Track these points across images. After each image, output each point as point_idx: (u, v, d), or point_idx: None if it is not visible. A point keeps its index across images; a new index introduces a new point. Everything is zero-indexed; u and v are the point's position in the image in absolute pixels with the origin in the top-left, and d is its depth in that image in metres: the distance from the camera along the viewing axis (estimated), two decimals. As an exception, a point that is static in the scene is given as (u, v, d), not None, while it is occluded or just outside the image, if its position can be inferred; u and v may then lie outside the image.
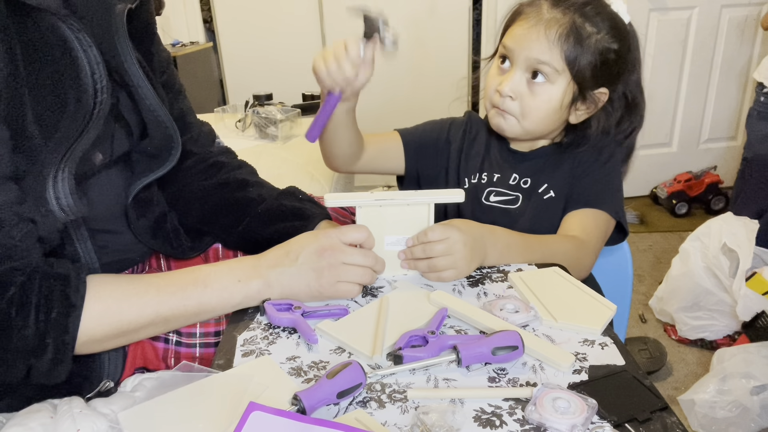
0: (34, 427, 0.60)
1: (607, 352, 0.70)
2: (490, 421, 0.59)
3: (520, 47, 0.99)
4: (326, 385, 0.61)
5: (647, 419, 0.59)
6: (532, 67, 0.99)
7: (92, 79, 0.70)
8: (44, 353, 0.65)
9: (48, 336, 0.64)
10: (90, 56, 0.70)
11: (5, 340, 0.63)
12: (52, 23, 0.68)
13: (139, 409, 0.62)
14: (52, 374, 0.67)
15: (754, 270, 1.81)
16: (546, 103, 1.01)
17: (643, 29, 2.92)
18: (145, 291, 0.72)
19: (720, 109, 3.15)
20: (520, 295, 0.83)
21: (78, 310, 0.65)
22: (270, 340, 0.75)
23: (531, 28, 0.98)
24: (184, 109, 1.02)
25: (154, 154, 0.88)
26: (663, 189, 3.06)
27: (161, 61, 0.95)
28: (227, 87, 3.36)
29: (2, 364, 0.65)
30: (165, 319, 0.73)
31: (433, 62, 3.24)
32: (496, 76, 1.05)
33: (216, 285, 0.75)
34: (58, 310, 0.64)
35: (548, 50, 0.97)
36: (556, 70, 0.98)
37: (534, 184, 1.08)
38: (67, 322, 0.65)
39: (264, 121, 2.08)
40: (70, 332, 0.65)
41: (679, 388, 1.82)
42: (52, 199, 0.69)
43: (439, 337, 0.70)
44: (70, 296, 0.65)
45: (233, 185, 1.01)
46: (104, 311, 0.68)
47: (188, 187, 1.00)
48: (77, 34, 0.69)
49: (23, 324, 0.63)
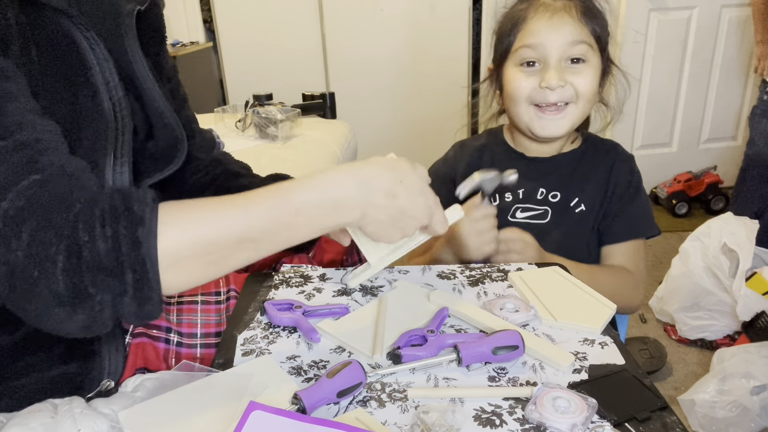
0: (34, 426, 0.60)
1: (607, 351, 0.70)
2: (490, 420, 0.59)
3: (549, 40, 0.99)
4: (326, 384, 0.61)
5: (647, 418, 0.59)
6: (567, 54, 0.99)
7: (103, 77, 0.70)
8: (122, 274, 0.55)
9: (120, 251, 0.55)
10: (99, 55, 0.70)
11: (76, 260, 0.54)
12: (61, 23, 0.68)
13: (139, 408, 0.62)
14: (141, 307, 0.57)
15: (754, 270, 1.81)
16: (593, 78, 1.01)
17: (643, 29, 2.92)
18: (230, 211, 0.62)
19: (720, 109, 3.15)
20: (520, 294, 0.83)
21: (148, 222, 0.57)
22: (270, 339, 0.75)
23: (553, 18, 0.99)
24: (190, 117, 1.02)
25: (159, 155, 0.88)
26: (663, 189, 3.06)
27: (168, 69, 0.96)
28: (227, 87, 3.36)
29: (83, 295, 0.55)
30: (254, 243, 0.63)
31: (434, 62, 3.24)
32: (525, 78, 1.02)
33: (309, 212, 0.65)
34: (125, 224, 0.56)
35: (579, 30, 0.99)
36: (591, 46, 0.99)
37: (565, 198, 1.07)
38: (137, 233, 0.56)
39: (264, 121, 2.08)
40: (144, 246, 0.56)
41: (679, 388, 1.82)
42: None
43: (439, 337, 0.70)
44: (135, 208, 0.57)
45: (226, 176, 1.02)
46: (184, 230, 0.59)
47: (185, 185, 1.01)
48: (85, 33, 0.70)
49: (90, 239, 0.55)
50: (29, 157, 0.56)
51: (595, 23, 1.00)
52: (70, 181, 0.57)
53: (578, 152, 1.11)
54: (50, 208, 0.54)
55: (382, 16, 3.21)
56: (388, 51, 3.28)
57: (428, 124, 3.29)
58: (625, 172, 1.08)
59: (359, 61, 3.29)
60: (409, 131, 3.39)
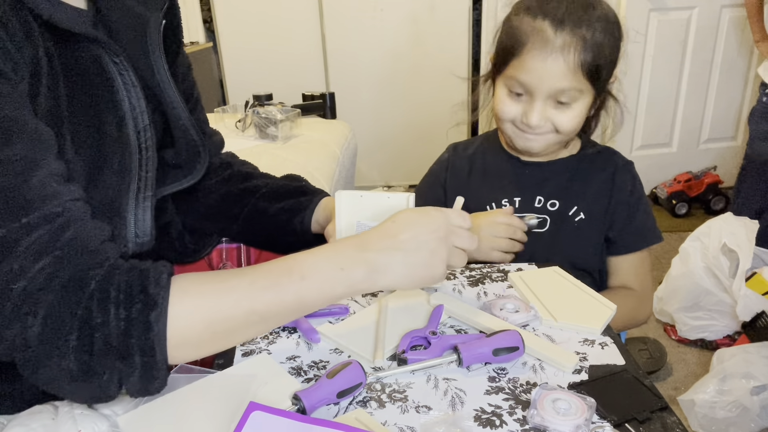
0: (35, 428, 0.60)
1: (607, 351, 0.70)
2: (490, 420, 0.59)
3: (539, 81, 0.95)
4: (326, 384, 0.61)
5: (647, 419, 0.59)
6: (555, 96, 0.96)
7: (129, 102, 0.70)
8: (130, 356, 0.57)
9: (131, 335, 0.56)
10: (127, 81, 0.70)
11: (88, 340, 0.56)
12: (90, 50, 0.68)
13: (139, 412, 0.62)
14: (146, 385, 0.59)
15: (754, 270, 1.81)
16: (577, 117, 0.99)
17: (643, 29, 2.92)
18: (237, 285, 0.62)
19: (720, 109, 3.15)
20: (520, 294, 0.83)
21: (161, 306, 0.58)
22: (270, 339, 0.75)
23: (546, 60, 0.93)
24: (201, 119, 1.01)
25: (178, 165, 0.87)
26: (663, 189, 3.06)
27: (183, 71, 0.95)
28: (227, 87, 3.36)
29: (92, 373, 0.57)
30: (262, 317, 0.63)
31: (433, 62, 3.24)
32: (511, 104, 1.01)
33: (316, 276, 0.64)
34: (139, 307, 0.57)
35: (571, 77, 0.94)
36: (581, 91, 0.96)
37: (563, 207, 1.06)
38: (149, 318, 0.57)
39: (264, 121, 2.07)
40: (155, 330, 0.57)
41: (679, 388, 1.82)
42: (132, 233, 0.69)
43: (441, 338, 0.70)
44: (150, 291, 0.58)
45: (237, 178, 1.01)
46: (193, 308, 0.60)
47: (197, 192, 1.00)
48: (114, 59, 0.69)
49: (104, 320, 0.56)
50: (51, 233, 0.57)
51: (594, 66, 0.94)
52: (88, 258, 0.58)
53: (576, 159, 1.09)
54: (67, 286, 0.56)
55: (382, 17, 3.20)
56: (388, 51, 3.28)
57: (428, 124, 3.28)
58: (627, 180, 1.07)
59: (359, 61, 3.29)
60: (409, 131, 3.39)
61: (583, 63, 0.93)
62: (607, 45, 0.95)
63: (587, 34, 0.93)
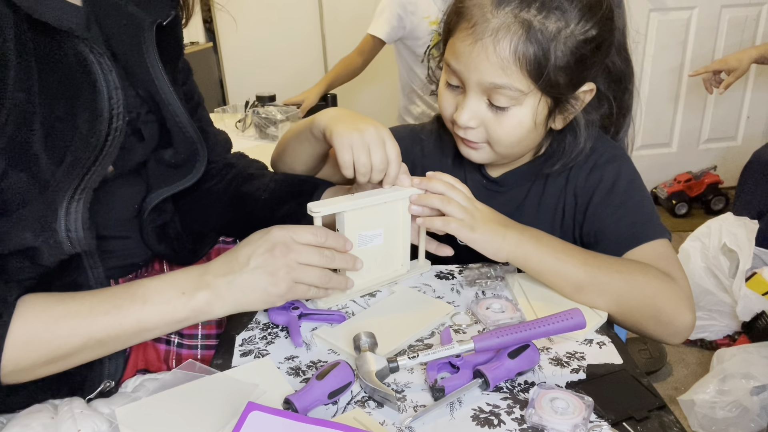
0: (35, 427, 0.60)
1: (605, 351, 0.70)
2: (488, 420, 0.59)
3: (467, 69, 0.77)
4: (317, 386, 0.61)
5: (645, 418, 0.59)
6: (487, 92, 0.78)
7: (109, 104, 0.69)
8: None
9: None
10: (109, 81, 0.69)
11: None
12: (75, 46, 0.67)
13: (137, 405, 0.62)
14: None
15: (754, 270, 1.82)
16: (517, 128, 0.80)
17: (643, 29, 2.92)
18: (77, 312, 0.65)
19: (720, 109, 3.15)
20: (513, 296, 0.82)
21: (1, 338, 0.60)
22: (268, 339, 0.75)
23: (475, 45, 0.75)
24: (203, 119, 1.01)
25: (177, 164, 0.87)
26: (663, 189, 3.06)
27: (184, 75, 0.95)
28: (227, 87, 3.36)
29: None
30: (100, 342, 0.66)
31: (433, 62, 3.24)
32: (449, 97, 0.84)
33: (156, 299, 0.67)
34: None
35: (503, 72, 0.75)
36: (521, 92, 0.76)
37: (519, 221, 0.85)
38: None
39: (264, 122, 2.08)
40: None
41: (679, 388, 1.82)
42: (62, 230, 0.67)
43: (464, 359, 0.66)
44: None
45: (239, 181, 1.00)
46: (30, 338, 0.62)
47: (199, 193, 0.99)
48: (99, 58, 0.68)
49: None
50: None
51: (538, 62, 0.74)
52: None
53: (535, 165, 0.91)
54: None
55: (382, 17, 3.21)
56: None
57: (428, 125, 3.28)
58: (594, 178, 0.88)
59: (359, 62, 3.29)
60: (409, 131, 3.39)
61: (522, 55, 0.73)
62: (573, 37, 0.74)
63: (537, 20, 0.73)
